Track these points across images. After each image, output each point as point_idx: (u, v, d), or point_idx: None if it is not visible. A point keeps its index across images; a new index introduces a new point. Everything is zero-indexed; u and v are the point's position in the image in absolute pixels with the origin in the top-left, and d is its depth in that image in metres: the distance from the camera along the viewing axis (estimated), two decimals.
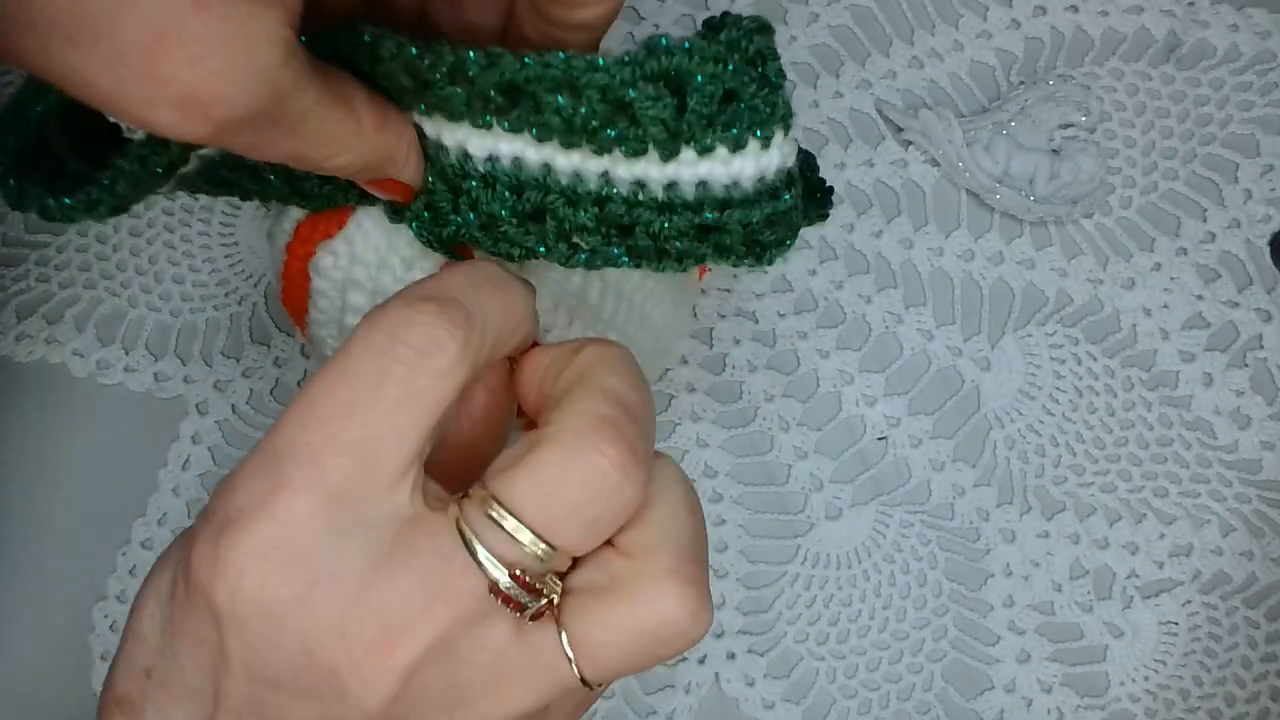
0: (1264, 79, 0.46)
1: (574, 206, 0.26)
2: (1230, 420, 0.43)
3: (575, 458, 0.23)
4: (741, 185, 0.26)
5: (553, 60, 0.24)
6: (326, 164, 0.26)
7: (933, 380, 0.43)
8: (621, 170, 0.26)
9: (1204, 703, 0.41)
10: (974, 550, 0.42)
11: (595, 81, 0.24)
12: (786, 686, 0.40)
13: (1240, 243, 0.44)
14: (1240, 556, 0.42)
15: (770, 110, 0.25)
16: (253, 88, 0.22)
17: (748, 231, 0.27)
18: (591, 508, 0.23)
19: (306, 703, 0.23)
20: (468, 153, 0.27)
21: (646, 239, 0.27)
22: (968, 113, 0.46)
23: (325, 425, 0.23)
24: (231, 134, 0.23)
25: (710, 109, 0.24)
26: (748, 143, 0.25)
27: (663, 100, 0.24)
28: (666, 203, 0.26)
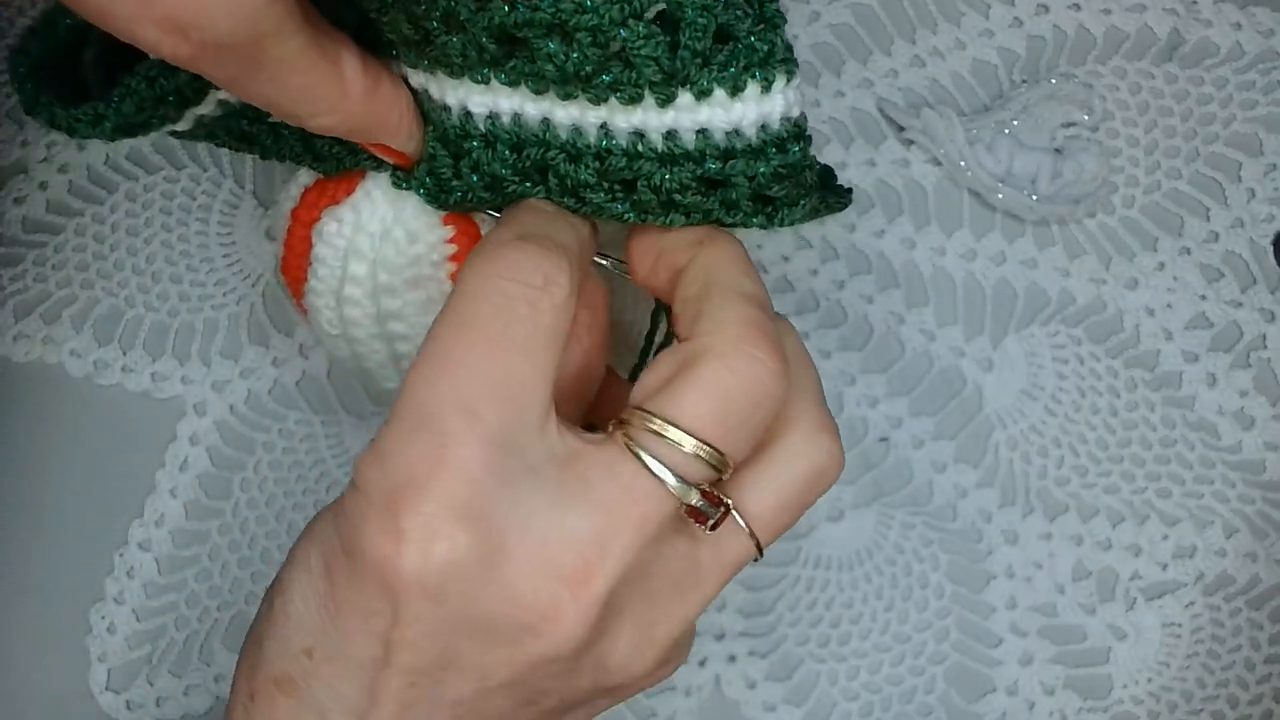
0: (1267, 78, 0.46)
1: (575, 162, 0.26)
2: (1234, 421, 0.43)
3: (739, 369, 0.24)
4: (744, 133, 0.25)
5: (541, 3, 0.24)
6: (309, 121, 0.26)
7: (935, 381, 0.43)
8: (620, 120, 0.25)
9: (1207, 705, 0.40)
10: (976, 552, 0.42)
11: (585, 23, 0.24)
12: (788, 689, 0.40)
13: (1244, 242, 0.44)
14: (1244, 558, 0.41)
15: (768, 49, 0.24)
16: (229, 16, 0.22)
17: (754, 185, 0.26)
18: (759, 413, 0.24)
19: (502, 649, 0.23)
20: (469, 111, 0.26)
21: (649, 193, 0.26)
22: (970, 112, 0.45)
23: (470, 375, 0.23)
24: (211, 62, 0.23)
25: (703, 45, 0.24)
26: (746, 85, 0.25)
27: (654, 38, 0.24)
28: (667, 153, 0.26)
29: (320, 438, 0.42)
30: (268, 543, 0.41)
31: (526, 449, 0.23)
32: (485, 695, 0.24)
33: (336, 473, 0.42)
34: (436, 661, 0.23)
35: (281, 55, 0.24)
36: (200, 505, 0.42)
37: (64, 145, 0.45)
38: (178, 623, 0.41)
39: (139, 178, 0.44)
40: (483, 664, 0.24)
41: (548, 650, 0.23)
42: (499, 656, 0.23)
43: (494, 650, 0.23)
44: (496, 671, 0.24)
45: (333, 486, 0.42)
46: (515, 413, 0.23)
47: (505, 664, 0.24)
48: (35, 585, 0.41)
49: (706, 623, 0.41)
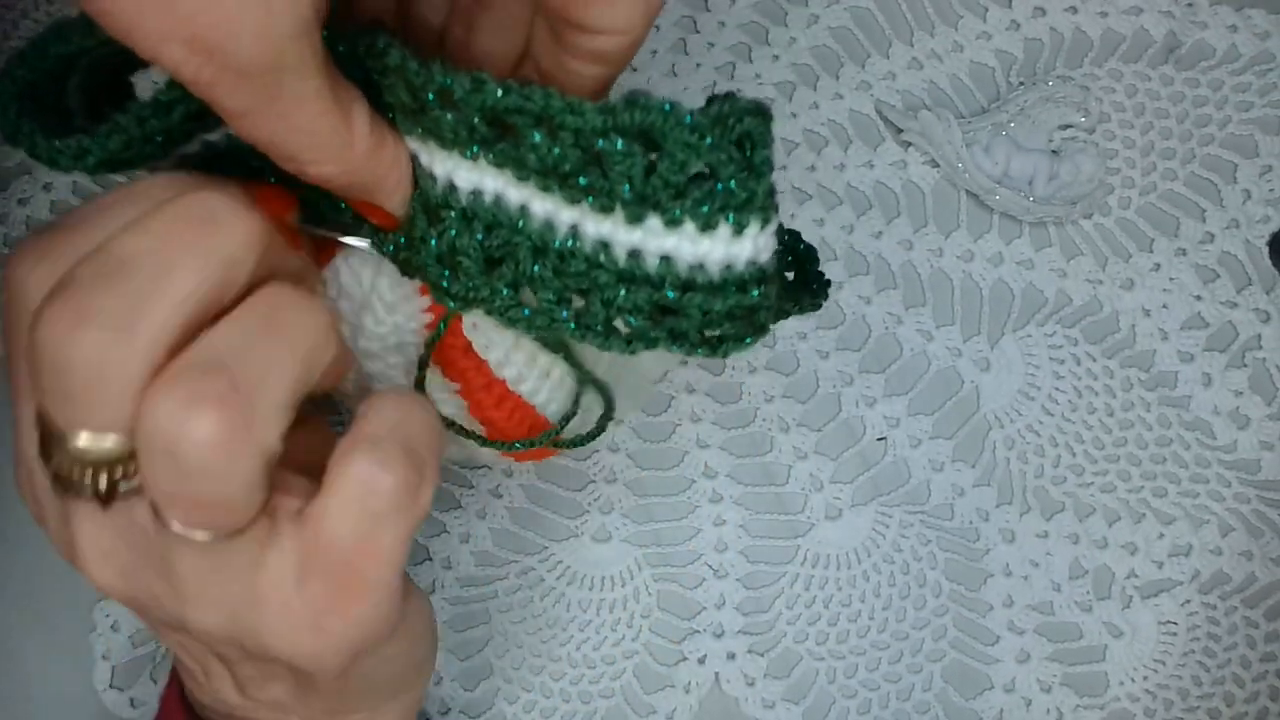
0: (1263, 79, 0.46)
1: (538, 255, 0.26)
2: (1229, 420, 0.43)
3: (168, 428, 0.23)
4: (707, 269, 0.25)
5: (533, 94, 0.24)
6: (309, 167, 0.26)
7: (932, 381, 0.43)
8: (589, 225, 0.25)
9: (1203, 702, 0.41)
10: (973, 550, 0.42)
11: (570, 124, 0.24)
12: (786, 686, 0.41)
13: (1239, 243, 0.44)
14: (1239, 556, 0.42)
15: (747, 197, 0.24)
16: (256, 44, 0.22)
17: (706, 320, 0.26)
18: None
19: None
20: (454, 184, 0.26)
21: (599, 306, 0.26)
22: (967, 114, 0.46)
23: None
24: (227, 88, 0.23)
25: (678, 178, 0.24)
26: (718, 224, 0.24)
27: (633, 157, 0.24)
28: (627, 271, 0.25)
29: None
30: None
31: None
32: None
33: None
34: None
35: (298, 92, 0.24)
36: None
37: None
38: None
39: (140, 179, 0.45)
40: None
41: None
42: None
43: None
44: None
45: None
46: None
47: None
48: (39, 583, 0.41)
49: (706, 620, 0.41)
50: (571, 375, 0.32)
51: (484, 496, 0.42)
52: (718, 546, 0.42)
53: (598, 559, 0.41)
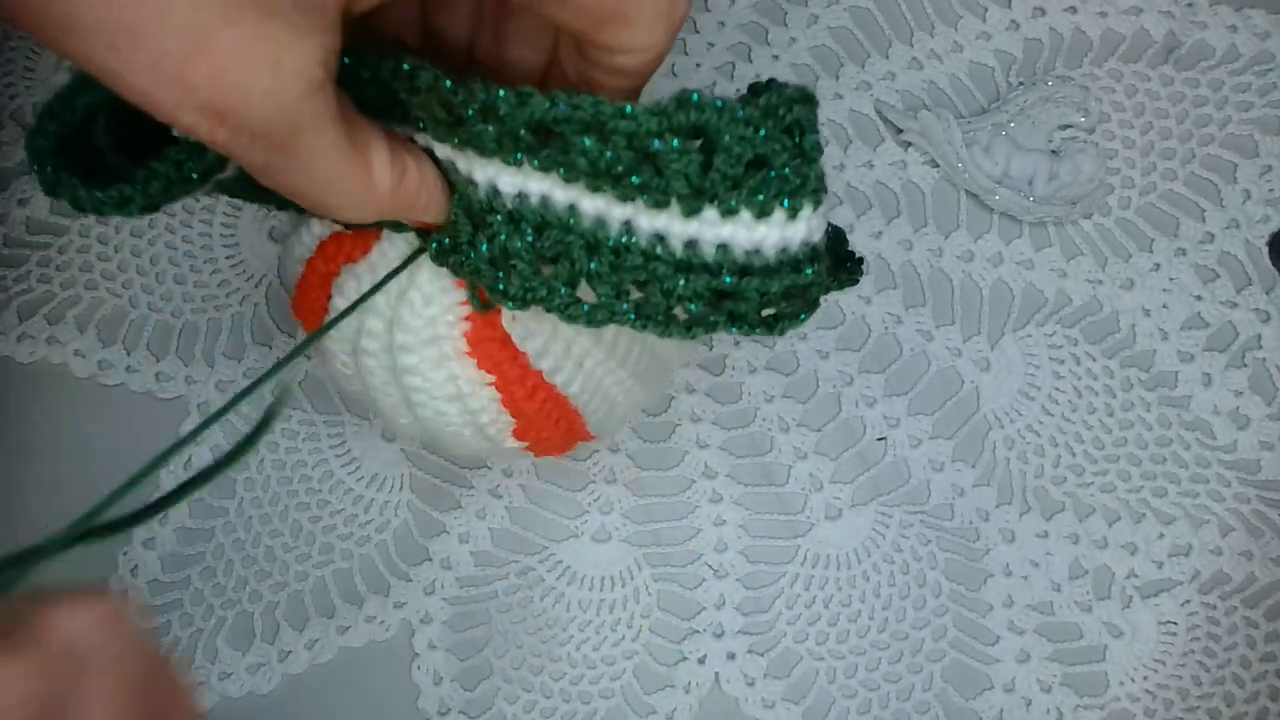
0: (1263, 79, 0.46)
1: (592, 252, 0.26)
2: (1229, 420, 0.43)
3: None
4: (764, 253, 0.25)
5: (582, 103, 0.24)
6: (335, 213, 0.26)
7: (932, 381, 0.43)
8: (644, 220, 0.25)
9: (1203, 702, 0.41)
10: (973, 550, 0.42)
11: (623, 128, 0.24)
12: (786, 686, 0.41)
13: (1239, 243, 0.44)
14: (1239, 556, 0.42)
15: (800, 182, 0.24)
16: (267, 107, 0.23)
17: (764, 301, 0.26)
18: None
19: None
20: (497, 189, 0.27)
21: (660, 296, 0.26)
22: (967, 114, 0.46)
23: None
24: (244, 147, 0.24)
25: (736, 171, 0.24)
26: (774, 210, 0.25)
27: (688, 155, 0.24)
28: (684, 261, 0.26)
29: (323, 437, 0.43)
30: (271, 541, 0.42)
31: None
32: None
33: (339, 472, 0.42)
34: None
35: (314, 148, 0.24)
36: (204, 504, 0.42)
37: None
38: (181, 620, 0.41)
39: None
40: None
41: None
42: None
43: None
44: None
45: (335, 485, 0.42)
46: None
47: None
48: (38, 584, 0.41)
49: (706, 621, 0.41)
50: (602, 366, 0.32)
51: (483, 496, 0.42)
52: (718, 546, 0.42)
53: (598, 559, 0.41)
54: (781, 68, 0.47)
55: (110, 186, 0.27)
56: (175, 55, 0.22)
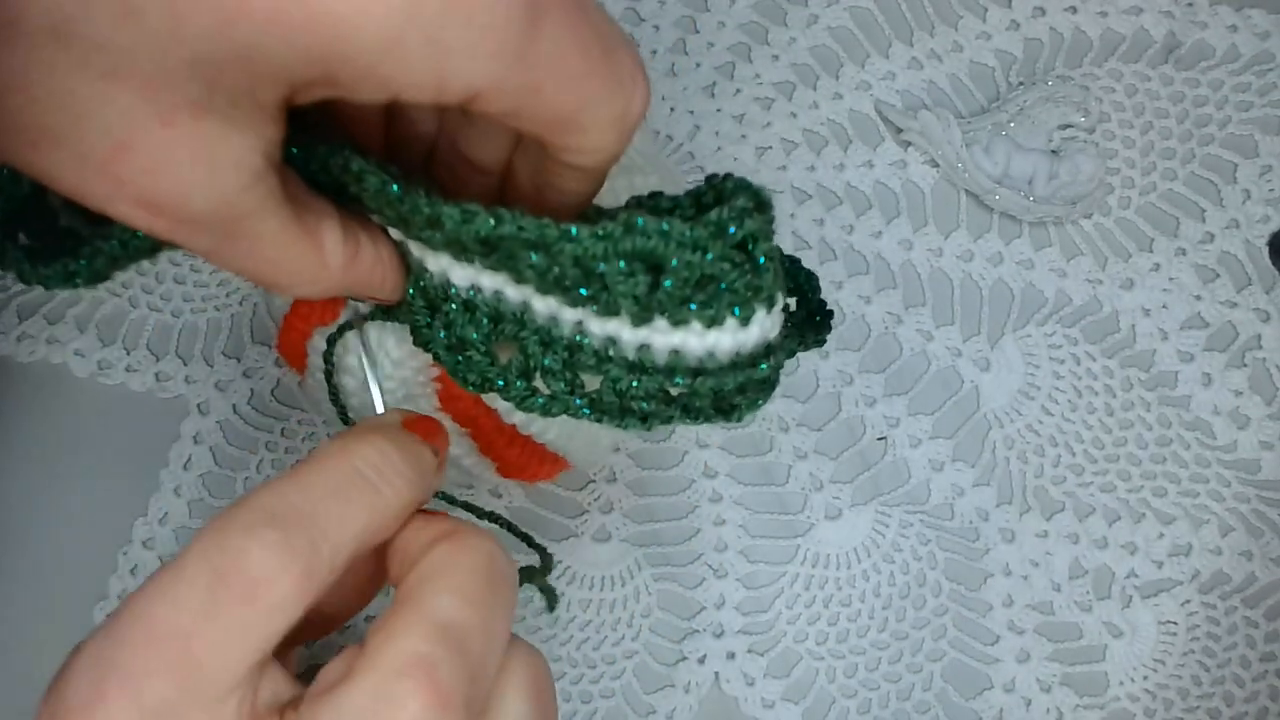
0: (1263, 79, 0.46)
1: (545, 347, 0.26)
2: (1229, 420, 0.43)
3: (379, 709, 0.22)
4: (716, 356, 0.25)
5: (527, 225, 0.24)
6: (287, 291, 0.26)
7: (932, 380, 0.43)
8: (594, 325, 0.25)
9: (1203, 702, 0.41)
10: (973, 550, 0.42)
11: (568, 250, 0.24)
12: (786, 686, 0.41)
13: (1239, 243, 0.44)
14: (1239, 556, 0.42)
15: (751, 293, 0.24)
16: (205, 199, 0.22)
17: (718, 397, 0.26)
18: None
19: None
20: (449, 280, 0.26)
21: (612, 395, 0.26)
22: (967, 114, 0.46)
23: (146, 646, 0.22)
24: (186, 236, 0.23)
25: (683, 291, 0.24)
26: (725, 319, 0.24)
27: (635, 277, 0.24)
28: (637, 363, 0.25)
29: (322, 437, 0.43)
30: None
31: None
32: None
33: None
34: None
35: (259, 232, 0.23)
36: (204, 504, 0.42)
37: None
38: None
39: None
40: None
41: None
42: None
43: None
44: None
45: None
46: (184, 692, 0.22)
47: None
48: (39, 583, 0.41)
49: (706, 620, 0.41)
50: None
51: (484, 496, 0.42)
52: (717, 546, 0.42)
53: (598, 559, 0.41)
54: (781, 67, 0.47)
55: (61, 254, 0.27)
56: (102, 154, 0.21)
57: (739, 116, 0.46)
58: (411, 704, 0.21)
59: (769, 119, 0.46)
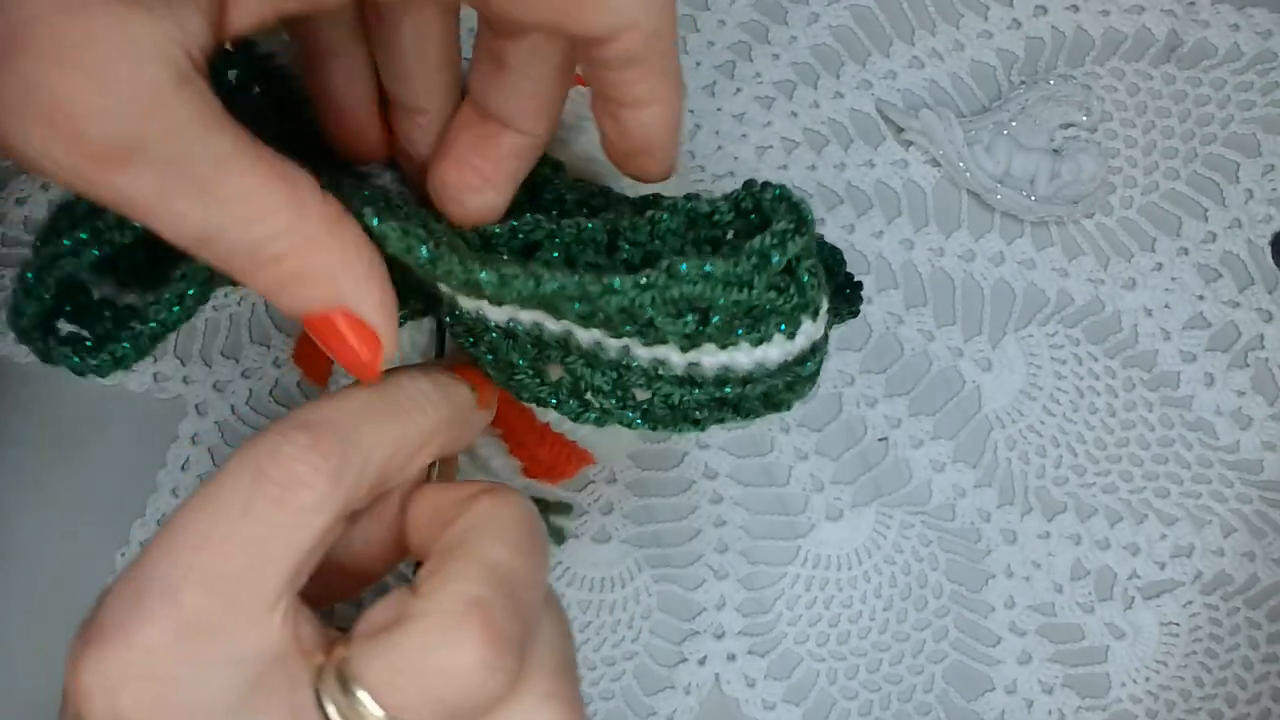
0: (1265, 78, 0.46)
1: (593, 368, 0.26)
2: (1232, 420, 0.43)
3: (437, 649, 0.22)
4: (765, 367, 0.25)
5: (568, 284, 0.23)
6: (257, 251, 0.22)
7: (933, 381, 0.43)
8: (641, 351, 0.25)
9: (1205, 704, 0.41)
10: (975, 551, 0.42)
11: (613, 303, 0.23)
12: (787, 687, 0.40)
13: (1241, 242, 0.44)
14: (1242, 557, 0.42)
15: (795, 310, 0.24)
16: (133, 104, 0.20)
17: (768, 398, 0.26)
18: (450, 701, 0.22)
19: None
20: (486, 316, 0.26)
21: (665, 408, 0.26)
22: (969, 113, 0.46)
23: (183, 556, 0.22)
24: (120, 169, 0.20)
25: (731, 324, 0.24)
26: (773, 337, 0.25)
27: (683, 319, 0.24)
28: (687, 378, 0.25)
29: None
30: None
31: (232, 638, 0.22)
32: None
33: None
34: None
35: (213, 154, 0.21)
36: None
37: None
38: None
39: None
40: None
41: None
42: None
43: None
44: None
45: None
46: (221, 603, 0.22)
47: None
48: (37, 585, 0.41)
49: (706, 621, 0.41)
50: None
51: None
52: (718, 547, 0.42)
53: (598, 560, 0.41)
54: (782, 66, 0.46)
55: (105, 339, 0.27)
56: (3, 38, 0.19)
57: (739, 115, 0.46)
58: (470, 644, 0.22)
59: (770, 118, 0.46)
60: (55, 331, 0.27)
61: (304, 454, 0.23)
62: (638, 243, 0.26)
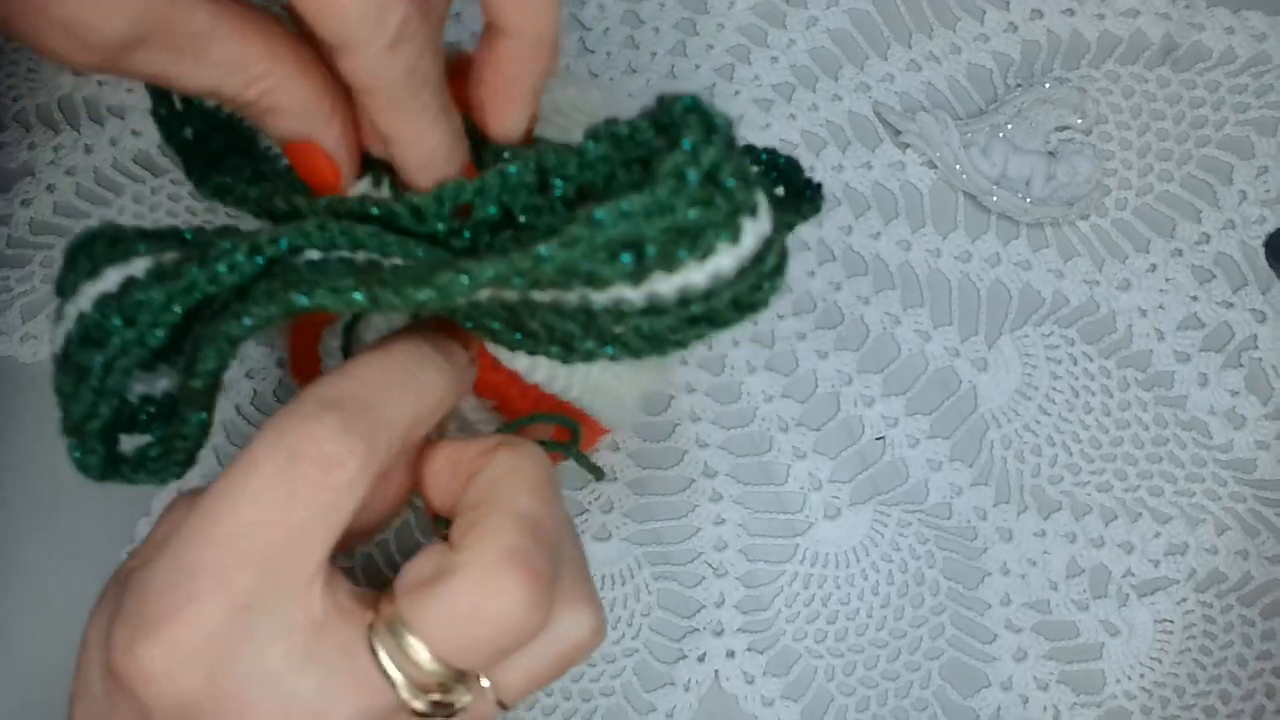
0: (1259, 81, 0.46)
1: (561, 317, 0.26)
2: (1225, 420, 0.43)
3: (487, 597, 0.24)
4: (722, 274, 0.25)
5: (499, 267, 0.23)
6: (259, 96, 0.26)
7: (930, 381, 0.44)
8: (597, 295, 0.25)
9: (1199, 700, 0.41)
10: (971, 549, 0.42)
11: (547, 270, 0.23)
12: (785, 684, 0.41)
13: (1235, 244, 0.45)
14: (1235, 555, 0.42)
15: (733, 215, 0.24)
16: (122, 8, 0.23)
17: (737, 302, 0.26)
18: (499, 641, 0.24)
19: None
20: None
21: (638, 339, 0.26)
22: (965, 115, 0.46)
23: (231, 539, 0.24)
24: (127, 60, 0.24)
25: (669, 250, 0.24)
26: (717, 247, 0.24)
27: (620, 260, 0.24)
28: (650, 308, 0.25)
29: None
30: None
31: (280, 611, 0.24)
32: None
33: None
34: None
35: (195, 30, 0.24)
36: None
37: (71, 149, 0.45)
38: None
39: (145, 180, 0.45)
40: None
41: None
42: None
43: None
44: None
45: None
46: (268, 581, 0.24)
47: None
48: (41, 584, 0.41)
49: (706, 619, 0.41)
50: (595, 365, 0.32)
51: None
52: (717, 545, 0.42)
53: (598, 558, 0.42)
54: (780, 69, 0.47)
55: (170, 456, 0.28)
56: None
57: (738, 118, 0.46)
58: (516, 589, 0.24)
59: (768, 120, 0.46)
60: (115, 440, 0.27)
61: (338, 435, 0.24)
62: (568, 177, 0.26)
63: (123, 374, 0.26)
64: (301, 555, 0.24)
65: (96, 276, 0.26)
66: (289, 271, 0.26)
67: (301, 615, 0.24)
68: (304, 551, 0.24)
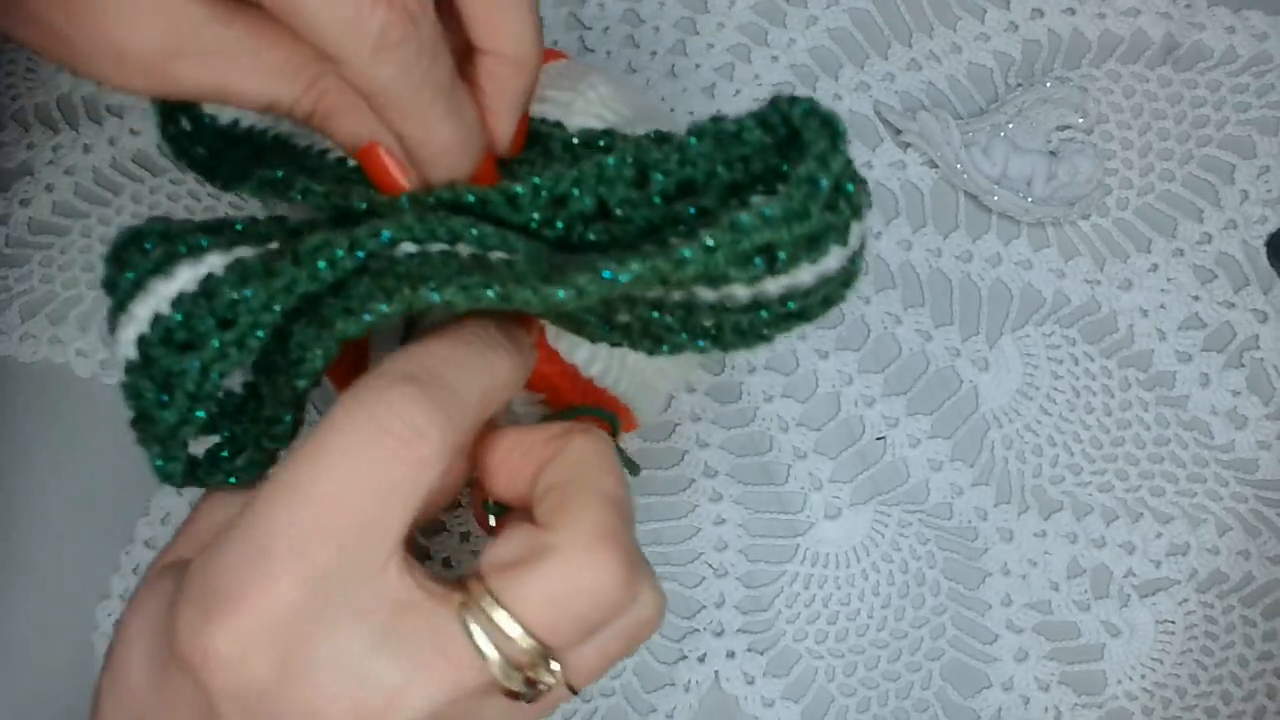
0: (1260, 80, 0.46)
1: (659, 312, 0.26)
2: (1227, 420, 0.43)
3: (583, 575, 0.24)
4: (825, 276, 0.25)
5: (643, 270, 0.23)
6: (298, 100, 0.26)
7: (931, 380, 0.44)
8: (707, 293, 0.25)
9: (1201, 701, 0.41)
10: (972, 549, 0.42)
11: (688, 273, 0.23)
12: (786, 685, 0.41)
13: (1237, 243, 0.45)
14: (1237, 555, 0.42)
15: (850, 220, 0.24)
16: (158, 27, 0.24)
17: (827, 299, 0.26)
18: (592, 618, 0.25)
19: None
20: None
21: (734, 334, 0.26)
22: (966, 115, 0.46)
23: (307, 511, 0.23)
24: (172, 79, 0.25)
25: (797, 254, 0.24)
26: (830, 250, 0.24)
27: (753, 264, 0.24)
28: (753, 304, 0.25)
29: None
30: None
31: (355, 591, 0.23)
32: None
33: None
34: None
35: (223, 40, 0.25)
36: None
37: (69, 148, 0.45)
38: None
39: (145, 180, 0.45)
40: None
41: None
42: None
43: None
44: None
45: None
46: (346, 557, 0.23)
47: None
48: (41, 583, 0.41)
49: (706, 619, 0.41)
50: (644, 358, 0.32)
51: None
52: (717, 545, 0.42)
53: None
54: (780, 69, 0.47)
55: (240, 435, 0.27)
56: (69, 19, 0.24)
57: None
58: (611, 564, 0.24)
59: None
60: (194, 460, 0.27)
61: (418, 406, 0.24)
62: (669, 171, 0.25)
63: (220, 378, 0.25)
64: (380, 531, 0.23)
65: (168, 275, 0.25)
66: (394, 265, 0.25)
67: (379, 594, 0.23)
68: (383, 527, 0.23)
